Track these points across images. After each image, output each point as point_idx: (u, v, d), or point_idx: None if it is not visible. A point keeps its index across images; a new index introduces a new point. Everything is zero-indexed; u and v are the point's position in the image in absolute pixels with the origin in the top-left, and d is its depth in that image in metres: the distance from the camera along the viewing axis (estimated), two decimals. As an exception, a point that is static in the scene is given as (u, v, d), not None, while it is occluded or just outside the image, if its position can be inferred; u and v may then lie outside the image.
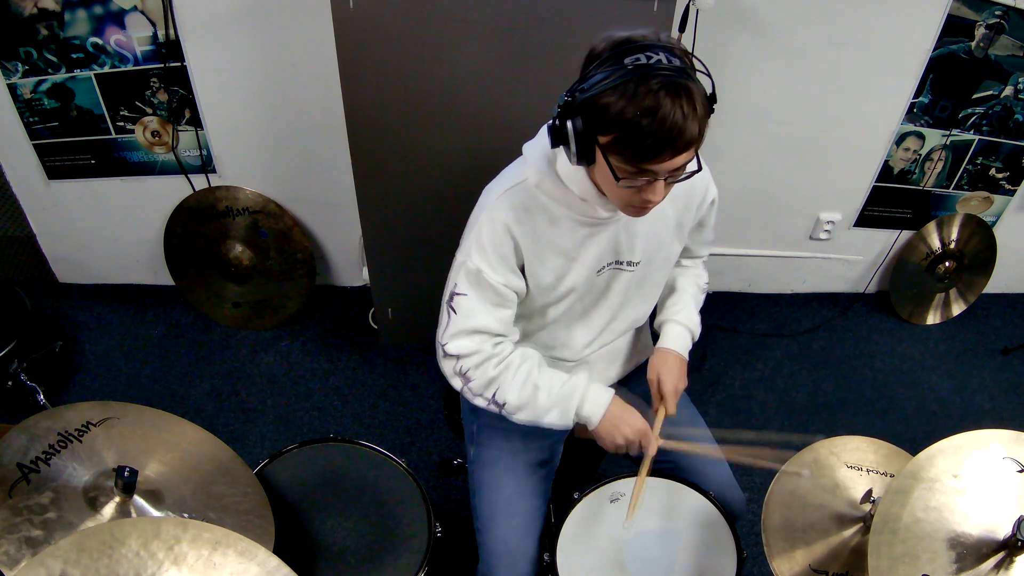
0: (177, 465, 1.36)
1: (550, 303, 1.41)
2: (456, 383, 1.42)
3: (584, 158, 1.17)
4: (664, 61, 1.08)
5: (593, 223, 1.32)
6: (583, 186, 1.27)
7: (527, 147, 1.34)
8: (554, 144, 1.20)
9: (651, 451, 1.40)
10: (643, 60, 1.08)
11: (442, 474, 2.32)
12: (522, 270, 1.35)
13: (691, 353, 1.58)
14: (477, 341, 1.36)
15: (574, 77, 1.18)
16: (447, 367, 1.41)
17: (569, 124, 1.14)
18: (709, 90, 1.14)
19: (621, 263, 1.40)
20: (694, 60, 1.14)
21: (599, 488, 1.50)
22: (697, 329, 1.59)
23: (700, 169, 1.18)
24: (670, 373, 1.50)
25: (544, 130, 1.31)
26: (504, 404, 1.39)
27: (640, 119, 1.07)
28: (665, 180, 1.16)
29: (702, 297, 1.65)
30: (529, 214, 1.31)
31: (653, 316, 1.64)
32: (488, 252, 1.31)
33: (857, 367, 2.80)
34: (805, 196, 2.73)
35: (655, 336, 1.62)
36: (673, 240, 1.46)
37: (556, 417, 1.39)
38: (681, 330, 1.56)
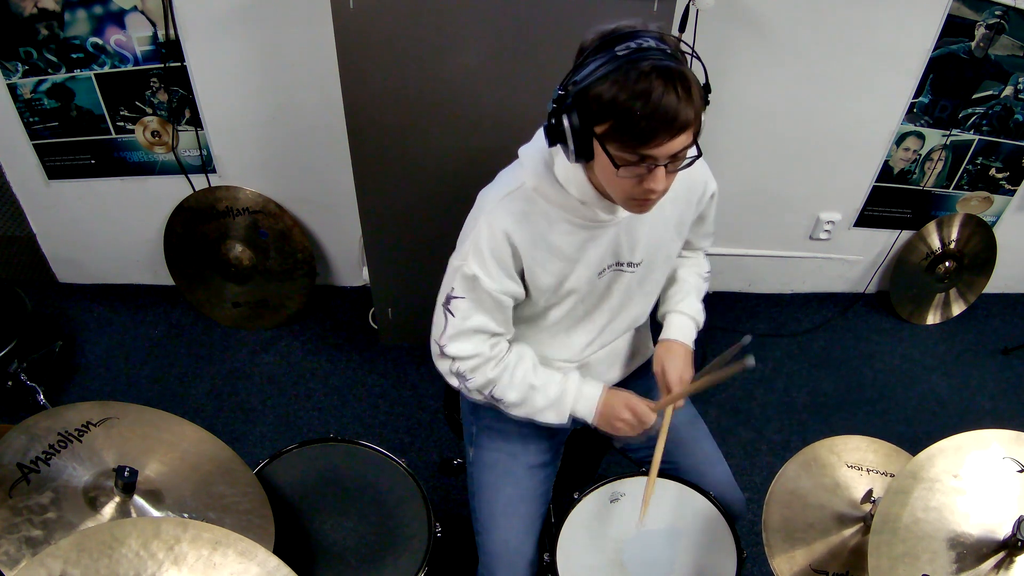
0: (177, 465, 1.36)
1: (551, 305, 1.41)
2: (452, 381, 1.43)
3: (583, 153, 1.16)
4: (654, 46, 1.08)
5: (593, 226, 1.32)
6: (582, 188, 1.27)
7: (523, 151, 1.34)
8: (551, 143, 1.19)
9: (654, 425, 1.41)
10: (633, 46, 1.08)
11: (442, 474, 2.32)
12: (521, 275, 1.35)
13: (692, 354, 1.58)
14: (476, 343, 1.37)
15: (574, 77, 1.18)
16: (443, 366, 1.42)
17: (565, 119, 1.14)
18: (702, 79, 1.14)
19: (622, 264, 1.40)
20: (685, 48, 1.15)
21: (599, 488, 1.50)
22: (701, 318, 1.58)
23: (700, 155, 1.18)
24: (675, 362, 1.49)
25: (540, 133, 1.30)
26: (501, 400, 1.41)
27: (633, 102, 1.07)
28: (666, 167, 1.15)
29: (705, 286, 1.64)
30: (528, 219, 1.30)
31: (655, 310, 1.63)
32: (486, 259, 1.30)
33: (857, 367, 2.80)
34: (805, 196, 2.73)
35: (657, 330, 1.61)
36: (674, 238, 1.45)
37: (553, 417, 1.42)
38: (685, 320, 1.55)
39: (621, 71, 1.07)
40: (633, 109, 1.07)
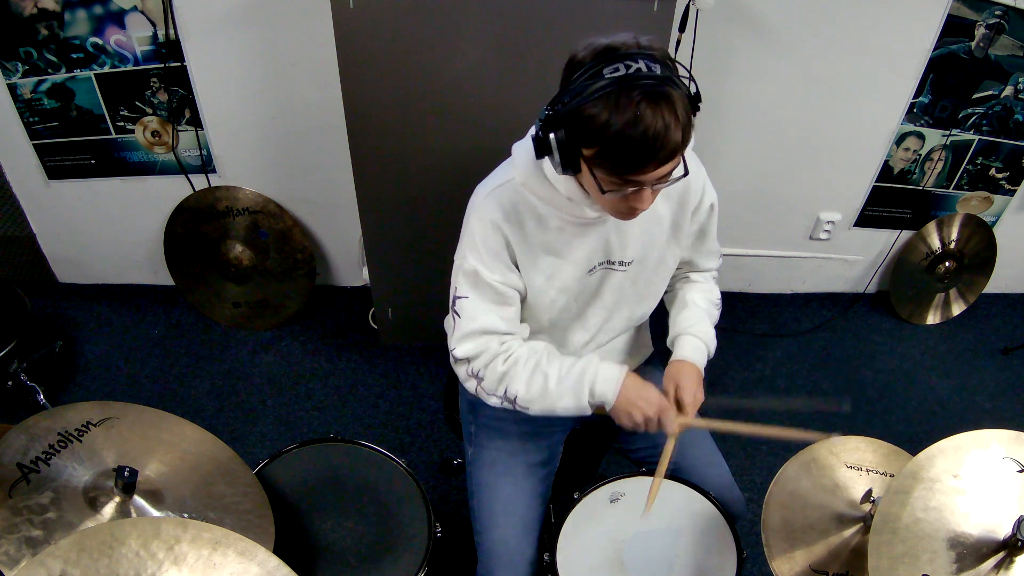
0: (177, 465, 1.36)
1: (544, 304, 1.41)
2: (471, 385, 1.41)
3: (569, 167, 1.16)
4: (644, 69, 1.07)
5: (581, 223, 1.32)
6: (570, 187, 1.26)
7: (516, 147, 1.34)
8: (539, 155, 1.19)
9: (672, 428, 1.36)
10: (622, 70, 1.07)
11: (442, 474, 2.32)
12: (517, 269, 1.35)
13: None
14: (483, 342, 1.36)
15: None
16: (460, 371, 1.42)
17: (552, 136, 1.14)
18: (693, 91, 1.13)
19: (612, 263, 1.39)
20: (676, 64, 1.13)
21: (599, 488, 1.50)
22: (713, 344, 1.52)
23: (687, 173, 1.17)
24: (689, 383, 1.43)
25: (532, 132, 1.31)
26: (516, 398, 1.37)
27: (622, 131, 1.06)
28: (652, 187, 1.16)
29: (716, 313, 1.58)
30: (517, 213, 1.31)
31: (660, 324, 1.61)
32: (482, 251, 1.31)
33: (857, 367, 2.80)
34: (805, 196, 2.73)
35: (661, 352, 1.59)
36: (669, 242, 1.44)
37: (571, 402, 1.36)
38: (697, 343, 1.50)
39: (611, 97, 1.06)
40: (621, 139, 1.06)
